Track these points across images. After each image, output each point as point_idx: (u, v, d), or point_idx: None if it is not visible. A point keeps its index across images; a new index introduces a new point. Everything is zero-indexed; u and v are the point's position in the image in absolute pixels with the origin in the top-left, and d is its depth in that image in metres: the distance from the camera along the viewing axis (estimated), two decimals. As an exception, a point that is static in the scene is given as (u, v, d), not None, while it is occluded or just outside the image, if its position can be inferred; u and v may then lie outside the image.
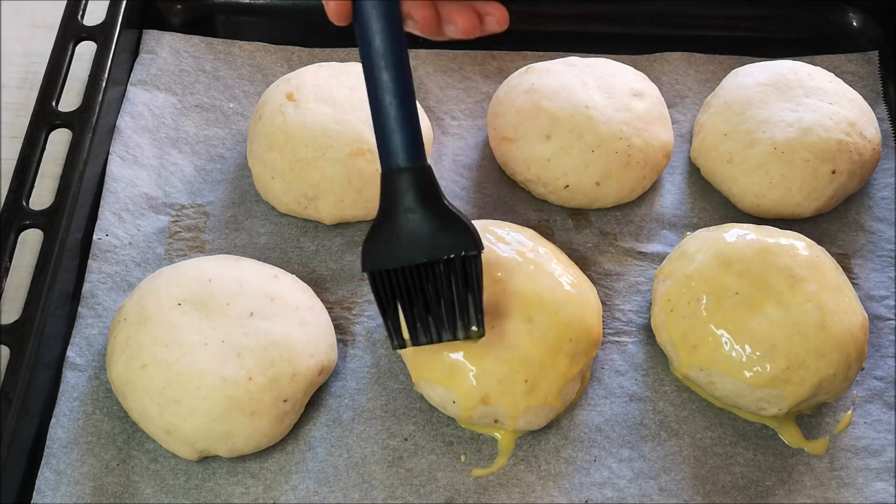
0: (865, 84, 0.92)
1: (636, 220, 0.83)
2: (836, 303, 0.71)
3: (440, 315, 0.64)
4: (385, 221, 0.63)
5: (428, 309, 0.64)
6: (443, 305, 0.64)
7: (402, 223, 0.63)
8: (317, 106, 0.80)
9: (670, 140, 0.84)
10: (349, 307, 0.77)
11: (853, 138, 0.81)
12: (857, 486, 0.70)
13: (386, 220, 0.63)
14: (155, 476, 0.68)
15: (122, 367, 0.68)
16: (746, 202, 0.82)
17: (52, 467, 0.68)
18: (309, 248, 0.80)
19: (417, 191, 0.62)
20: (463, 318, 0.64)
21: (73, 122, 0.81)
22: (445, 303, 0.64)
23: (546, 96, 0.82)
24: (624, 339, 0.77)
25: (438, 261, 0.62)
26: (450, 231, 0.63)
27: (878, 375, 0.76)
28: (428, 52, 0.92)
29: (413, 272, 0.63)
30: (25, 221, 0.75)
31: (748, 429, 0.73)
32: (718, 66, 0.93)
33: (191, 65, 0.90)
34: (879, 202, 0.85)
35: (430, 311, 0.64)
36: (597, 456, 0.71)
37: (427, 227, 0.62)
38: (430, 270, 0.63)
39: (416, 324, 0.64)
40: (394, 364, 0.74)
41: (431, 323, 0.64)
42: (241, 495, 0.68)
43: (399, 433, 0.71)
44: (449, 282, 0.63)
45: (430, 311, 0.64)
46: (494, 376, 0.68)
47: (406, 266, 0.62)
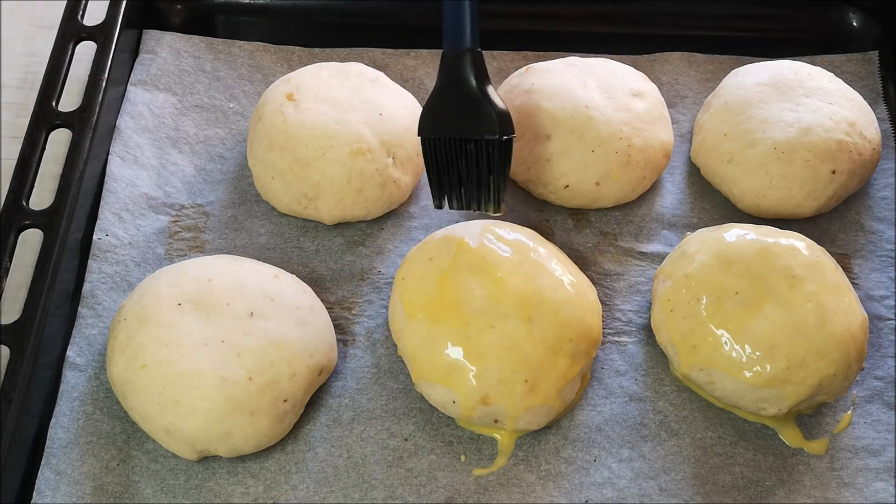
0: (865, 84, 0.92)
1: (636, 220, 0.83)
2: (836, 303, 0.71)
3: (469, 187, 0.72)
4: (444, 93, 0.72)
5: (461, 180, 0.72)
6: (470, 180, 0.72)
7: (458, 97, 0.71)
8: (317, 106, 0.80)
9: (670, 140, 0.84)
10: (349, 307, 0.77)
11: (853, 138, 0.81)
12: (857, 486, 0.70)
13: (445, 92, 0.72)
14: (155, 476, 0.68)
15: (122, 367, 0.68)
16: (746, 202, 0.82)
17: (52, 467, 0.68)
18: (309, 248, 0.80)
19: (475, 71, 0.71)
20: (486, 195, 0.73)
21: (73, 122, 0.81)
22: (473, 178, 0.72)
23: (546, 96, 0.82)
24: (624, 339, 0.77)
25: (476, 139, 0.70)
26: (490, 115, 0.71)
27: (878, 375, 0.76)
28: (428, 52, 0.93)
29: (455, 144, 0.71)
30: (25, 221, 0.75)
31: (748, 429, 0.73)
32: (718, 66, 0.93)
33: (191, 65, 0.90)
34: (879, 202, 0.85)
35: (462, 183, 0.72)
36: (597, 456, 0.71)
37: (474, 107, 0.71)
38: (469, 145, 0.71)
39: (450, 190, 0.73)
40: (394, 364, 0.74)
41: (462, 193, 0.73)
42: (241, 495, 0.68)
43: (399, 433, 0.71)
44: (478, 160, 0.71)
45: (462, 183, 0.72)
46: (494, 376, 0.68)
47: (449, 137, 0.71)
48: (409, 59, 0.92)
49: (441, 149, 0.72)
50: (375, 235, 0.81)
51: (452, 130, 0.71)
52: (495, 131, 0.70)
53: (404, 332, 0.71)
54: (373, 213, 0.81)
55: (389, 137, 0.80)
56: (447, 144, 0.71)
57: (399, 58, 0.92)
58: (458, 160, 0.72)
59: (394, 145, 0.80)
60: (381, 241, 0.81)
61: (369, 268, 0.79)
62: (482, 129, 0.71)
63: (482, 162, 0.71)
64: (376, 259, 0.80)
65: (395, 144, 0.80)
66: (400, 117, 0.81)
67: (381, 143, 0.79)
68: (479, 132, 0.71)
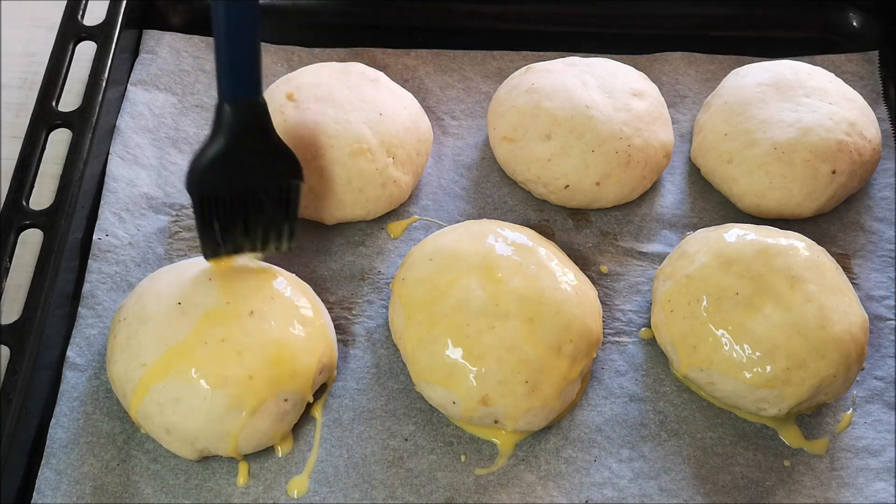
0: (865, 84, 0.92)
1: (636, 220, 0.83)
2: (837, 303, 0.71)
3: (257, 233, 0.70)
4: (217, 148, 0.67)
5: (246, 227, 0.69)
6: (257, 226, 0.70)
7: (252, 148, 0.68)
8: (317, 106, 0.80)
9: (670, 140, 0.84)
10: (349, 307, 0.77)
11: (853, 138, 0.81)
12: (857, 486, 0.70)
13: (218, 147, 0.67)
14: (155, 476, 0.68)
15: (122, 367, 0.68)
16: (746, 202, 0.82)
17: (52, 467, 0.68)
18: (309, 248, 0.80)
19: (253, 123, 0.67)
20: (277, 236, 0.71)
21: (73, 122, 0.81)
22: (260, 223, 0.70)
23: (546, 96, 0.82)
24: (624, 339, 0.77)
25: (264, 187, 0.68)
26: (294, 161, 0.69)
27: (878, 375, 0.76)
28: (428, 52, 0.93)
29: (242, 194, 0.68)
30: (25, 221, 0.75)
31: (748, 429, 0.73)
32: (718, 66, 0.93)
33: (191, 65, 0.90)
34: (879, 202, 0.85)
35: (248, 230, 0.70)
36: (597, 456, 0.71)
37: (274, 153, 0.69)
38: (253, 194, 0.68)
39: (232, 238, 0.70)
40: (394, 364, 0.74)
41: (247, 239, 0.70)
42: (241, 495, 0.68)
43: (399, 433, 0.71)
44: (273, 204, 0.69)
45: (248, 230, 0.70)
46: (495, 377, 0.68)
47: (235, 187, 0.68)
48: (409, 59, 0.92)
49: (222, 202, 0.68)
50: (375, 235, 0.81)
51: (247, 181, 0.68)
52: (300, 175, 0.70)
53: (404, 332, 0.71)
54: (373, 213, 0.81)
55: (389, 137, 0.80)
56: (232, 197, 0.68)
57: (399, 58, 0.92)
58: (245, 210, 0.69)
59: (394, 145, 0.80)
60: (381, 241, 0.81)
61: (369, 268, 0.79)
62: (286, 173, 0.69)
63: (277, 206, 0.70)
64: (376, 259, 0.80)
65: (395, 144, 0.80)
66: (400, 117, 0.81)
67: (381, 143, 0.79)
68: (283, 176, 0.69)
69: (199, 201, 0.67)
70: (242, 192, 0.68)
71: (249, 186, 0.68)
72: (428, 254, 0.73)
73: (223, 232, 0.69)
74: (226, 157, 0.67)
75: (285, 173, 0.69)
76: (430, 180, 0.85)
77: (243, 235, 0.70)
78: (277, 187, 0.69)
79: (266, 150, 0.68)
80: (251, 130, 0.67)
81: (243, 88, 0.66)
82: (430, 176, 0.85)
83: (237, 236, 0.70)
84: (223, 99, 0.66)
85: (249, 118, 0.67)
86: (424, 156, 0.83)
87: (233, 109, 0.66)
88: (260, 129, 0.68)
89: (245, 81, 0.66)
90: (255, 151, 0.68)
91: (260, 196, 0.69)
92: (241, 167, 0.68)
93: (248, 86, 0.66)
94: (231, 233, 0.69)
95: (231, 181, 0.68)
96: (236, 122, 0.66)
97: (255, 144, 0.68)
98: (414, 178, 0.82)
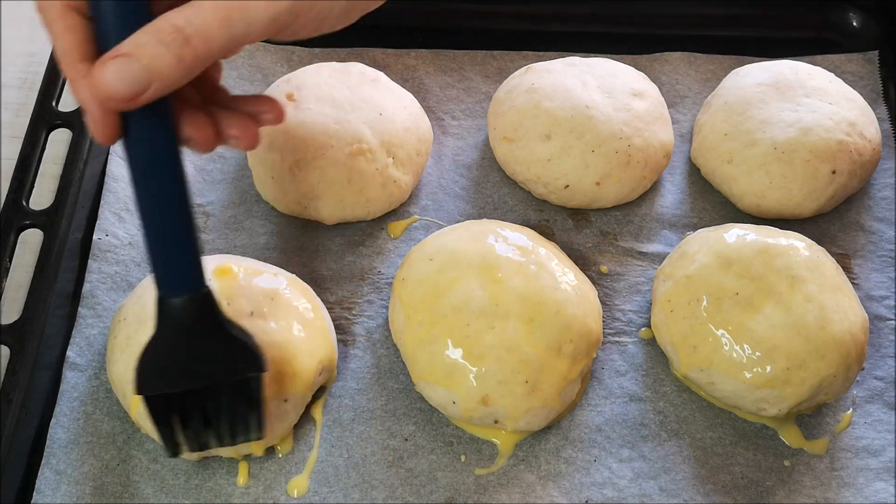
0: (865, 84, 0.92)
1: (636, 220, 0.83)
2: (837, 303, 0.71)
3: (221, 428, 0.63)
4: (164, 344, 0.59)
5: (207, 422, 0.62)
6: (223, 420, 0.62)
7: (182, 347, 0.59)
8: (317, 106, 0.80)
9: (670, 140, 0.84)
10: (349, 307, 0.77)
11: (853, 138, 0.81)
12: (857, 486, 0.70)
13: (165, 343, 0.59)
14: (155, 476, 0.68)
15: (122, 367, 0.68)
16: (746, 202, 0.82)
17: (52, 467, 0.68)
18: (309, 248, 0.80)
19: (201, 316, 0.59)
20: (244, 428, 0.63)
21: (73, 121, 0.81)
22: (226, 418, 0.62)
23: (546, 96, 0.82)
24: (624, 339, 0.77)
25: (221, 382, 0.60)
26: (232, 353, 0.60)
27: (878, 375, 0.76)
28: (428, 52, 0.93)
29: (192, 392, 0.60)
30: (25, 221, 0.76)
31: (748, 429, 0.73)
32: (718, 66, 0.93)
33: (191, 65, 0.90)
34: (879, 202, 0.85)
35: (210, 424, 0.62)
36: (597, 456, 0.71)
37: (228, 345, 0.60)
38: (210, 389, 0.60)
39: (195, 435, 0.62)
40: (394, 364, 0.74)
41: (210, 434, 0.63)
42: (241, 495, 0.68)
43: (399, 433, 0.71)
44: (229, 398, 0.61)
45: (210, 424, 0.62)
46: (495, 377, 0.68)
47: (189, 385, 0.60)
48: (409, 59, 0.93)
49: (178, 400, 0.60)
50: (375, 235, 0.81)
51: (200, 378, 0.60)
52: (261, 365, 0.61)
53: (404, 332, 0.71)
54: (373, 213, 0.81)
55: (389, 137, 0.80)
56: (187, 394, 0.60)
57: (399, 58, 0.92)
58: (204, 405, 0.61)
59: (394, 145, 0.80)
60: (381, 241, 0.81)
61: (369, 268, 0.79)
62: (243, 366, 0.61)
63: (238, 399, 0.62)
64: (376, 259, 0.80)
65: (395, 144, 0.80)
66: (400, 117, 0.81)
67: (382, 143, 0.79)
68: (240, 370, 0.61)
69: (150, 402, 0.60)
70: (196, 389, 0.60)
71: (203, 383, 0.60)
72: (428, 254, 0.74)
73: (184, 430, 0.62)
74: (172, 355, 0.59)
75: (242, 366, 0.61)
76: (430, 180, 0.85)
77: (206, 431, 0.62)
78: (236, 381, 0.61)
79: (218, 344, 0.60)
80: (199, 324, 0.59)
81: (181, 283, 0.58)
82: (430, 176, 0.85)
83: (200, 433, 0.62)
84: (161, 295, 0.58)
85: (194, 311, 0.58)
86: (424, 156, 0.83)
87: (175, 304, 0.58)
88: (208, 321, 0.59)
89: (182, 274, 0.58)
90: (205, 346, 0.60)
91: (217, 391, 0.61)
92: (193, 363, 0.60)
93: (186, 279, 0.58)
94: (193, 430, 0.62)
95: (183, 379, 0.60)
96: (180, 318, 0.58)
97: (206, 339, 0.59)
98: (414, 178, 0.82)
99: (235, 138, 0.59)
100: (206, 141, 0.58)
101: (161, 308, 0.59)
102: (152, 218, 0.56)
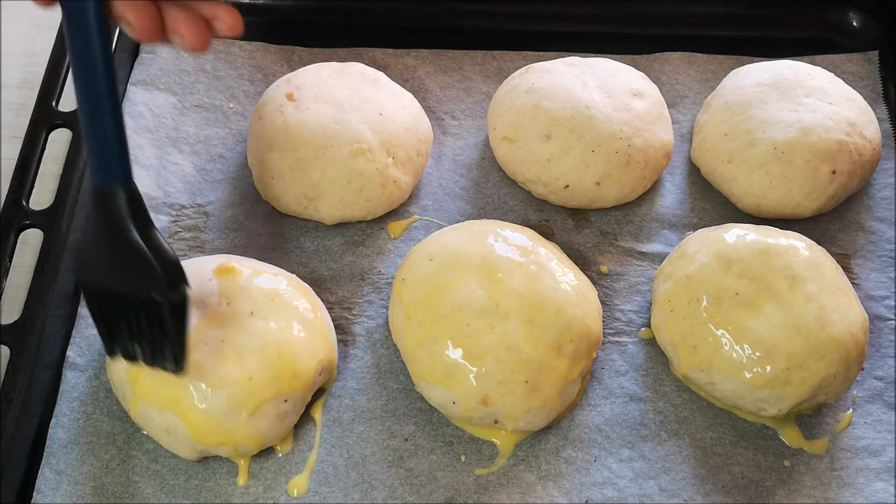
0: (865, 84, 0.92)
1: (636, 220, 0.83)
2: (837, 303, 0.71)
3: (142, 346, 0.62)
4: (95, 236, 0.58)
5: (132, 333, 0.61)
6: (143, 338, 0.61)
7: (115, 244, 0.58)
8: (317, 106, 0.80)
9: (670, 140, 0.84)
10: (349, 307, 0.77)
11: (853, 138, 0.81)
12: (857, 486, 0.70)
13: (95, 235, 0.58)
14: (155, 476, 0.68)
15: (122, 367, 0.68)
16: (746, 202, 0.82)
17: (52, 467, 0.68)
18: (309, 248, 0.80)
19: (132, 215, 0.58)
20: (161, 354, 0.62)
21: (73, 121, 0.81)
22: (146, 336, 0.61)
23: (546, 96, 0.82)
24: (624, 339, 0.77)
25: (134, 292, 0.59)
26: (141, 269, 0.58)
27: (878, 375, 0.76)
28: (428, 52, 0.93)
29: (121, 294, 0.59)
30: (25, 221, 0.75)
31: (748, 429, 0.73)
32: (718, 66, 0.93)
33: (191, 65, 0.90)
34: (879, 202, 0.85)
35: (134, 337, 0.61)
36: (597, 456, 0.71)
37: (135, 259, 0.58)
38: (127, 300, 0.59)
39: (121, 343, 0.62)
40: (394, 364, 0.74)
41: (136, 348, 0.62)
42: (241, 495, 0.68)
43: (399, 433, 0.71)
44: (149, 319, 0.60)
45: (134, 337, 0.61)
46: (495, 377, 0.68)
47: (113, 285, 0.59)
48: (409, 59, 0.93)
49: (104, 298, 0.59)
50: (375, 235, 0.81)
51: (115, 281, 0.58)
52: (163, 289, 0.58)
53: (404, 332, 0.71)
54: (373, 213, 0.81)
55: (389, 137, 0.80)
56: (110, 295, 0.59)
57: (399, 58, 0.92)
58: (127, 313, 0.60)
59: (394, 145, 0.80)
60: (381, 241, 0.81)
61: (369, 268, 0.79)
62: (147, 285, 0.58)
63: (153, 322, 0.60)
64: (376, 259, 0.80)
65: (395, 144, 0.80)
66: (400, 117, 0.81)
67: (381, 143, 0.79)
68: (144, 289, 0.58)
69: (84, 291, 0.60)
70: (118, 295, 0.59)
71: (117, 289, 0.58)
72: (428, 254, 0.74)
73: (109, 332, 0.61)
74: (100, 251, 0.58)
75: (150, 285, 0.58)
76: (430, 180, 0.85)
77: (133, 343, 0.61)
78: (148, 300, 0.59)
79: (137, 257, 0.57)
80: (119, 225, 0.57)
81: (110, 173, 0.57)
82: (430, 176, 0.85)
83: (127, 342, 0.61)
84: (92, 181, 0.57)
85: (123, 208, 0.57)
86: (424, 156, 0.83)
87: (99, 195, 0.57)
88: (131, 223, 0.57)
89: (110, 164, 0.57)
90: (125, 254, 0.58)
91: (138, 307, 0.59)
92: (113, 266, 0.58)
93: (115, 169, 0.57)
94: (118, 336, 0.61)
95: (100, 277, 0.59)
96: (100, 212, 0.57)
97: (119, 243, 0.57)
98: (414, 178, 0.82)
99: (181, 36, 0.56)
100: (144, 28, 0.56)
101: (94, 199, 0.58)
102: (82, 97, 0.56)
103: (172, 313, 0.60)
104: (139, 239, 0.58)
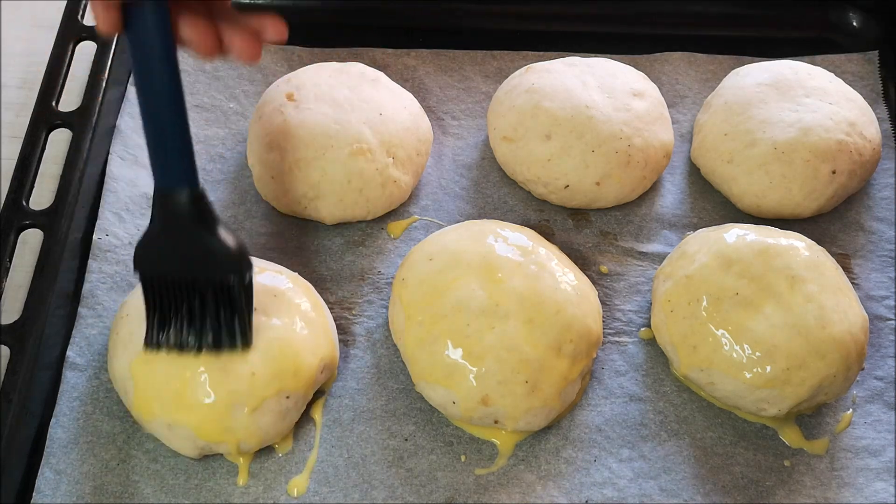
0: (865, 84, 0.92)
1: (636, 220, 0.83)
2: (837, 303, 0.71)
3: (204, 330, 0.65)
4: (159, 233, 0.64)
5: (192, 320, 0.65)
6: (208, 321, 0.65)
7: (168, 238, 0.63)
8: (317, 106, 0.80)
9: (670, 140, 0.84)
10: (349, 307, 0.77)
11: (853, 138, 0.81)
12: (857, 486, 0.70)
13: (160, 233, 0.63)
14: (155, 476, 0.68)
15: (124, 363, 0.68)
16: (746, 202, 0.82)
17: (52, 467, 0.68)
18: (309, 248, 0.80)
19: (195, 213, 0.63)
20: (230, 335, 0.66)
21: (73, 122, 0.81)
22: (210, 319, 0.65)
23: (546, 96, 0.82)
24: (624, 339, 0.77)
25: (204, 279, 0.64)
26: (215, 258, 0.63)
27: (878, 375, 0.76)
28: (428, 52, 0.93)
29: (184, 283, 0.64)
30: (25, 221, 0.75)
31: (748, 429, 0.73)
32: (718, 66, 0.93)
33: (191, 65, 0.90)
34: (879, 202, 0.85)
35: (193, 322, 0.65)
36: (597, 456, 0.71)
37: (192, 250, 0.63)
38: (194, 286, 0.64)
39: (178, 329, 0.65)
40: (394, 364, 0.74)
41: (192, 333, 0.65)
42: (241, 495, 0.68)
43: (399, 433, 0.71)
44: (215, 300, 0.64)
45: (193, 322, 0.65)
46: (495, 377, 0.68)
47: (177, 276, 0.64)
48: (409, 59, 0.93)
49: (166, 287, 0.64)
50: (375, 235, 0.81)
51: (181, 270, 0.64)
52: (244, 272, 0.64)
53: (404, 332, 0.71)
54: (373, 213, 0.81)
55: (389, 137, 0.80)
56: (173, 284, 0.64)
57: (399, 58, 0.92)
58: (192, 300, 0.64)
59: (394, 145, 0.80)
60: (381, 241, 0.81)
61: (369, 268, 0.79)
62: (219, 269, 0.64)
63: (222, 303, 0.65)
64: (376, 259, 0.80)
65: (395, 144, 0.80)
66: (400, 117, 0.81)
67: (381, 143, 0.79)
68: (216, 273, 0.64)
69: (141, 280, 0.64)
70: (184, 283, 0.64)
71: (186, 277, 0.64)
72: (428, 254, 0.74)
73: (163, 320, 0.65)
74: (166, 245, 0.63)
75: (223, 271, 0.64)
76: (430, 180, 0.85)
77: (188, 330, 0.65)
78: (219, 284, 0.64)
79: (203, 245, 0.63)
80: (192, 221, 0.63)
81: (175, 176, 0.62)
82: (430, 176, 0.85)
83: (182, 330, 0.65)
84: (155, 185, 0.63)
85: (188, 207, 0.62)
86: (424, 156, 0.83)
87: (166, 196, 0.62)
88: (195, 221, 0.63)
89: (176, 167, 0.62)
90: (190, 244, 0.63)
91: (202, 291, 0.64)
92: (183, 257, 0.63)
93: (180, 172, 0.62)
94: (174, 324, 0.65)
95: (168, 267, 0.64)
96: (169, 210, 0.63)
97: (192, 237, 0.63)
98: (414, 178, 0.82)
99: (238, 48, 0.61)
100: (206, 45, 0.61)
101: (157, 201, 0.63)
102: (148, 109, 0.61)
103: (244, 292, 0.65)
104: (206, 231, 0.63)
